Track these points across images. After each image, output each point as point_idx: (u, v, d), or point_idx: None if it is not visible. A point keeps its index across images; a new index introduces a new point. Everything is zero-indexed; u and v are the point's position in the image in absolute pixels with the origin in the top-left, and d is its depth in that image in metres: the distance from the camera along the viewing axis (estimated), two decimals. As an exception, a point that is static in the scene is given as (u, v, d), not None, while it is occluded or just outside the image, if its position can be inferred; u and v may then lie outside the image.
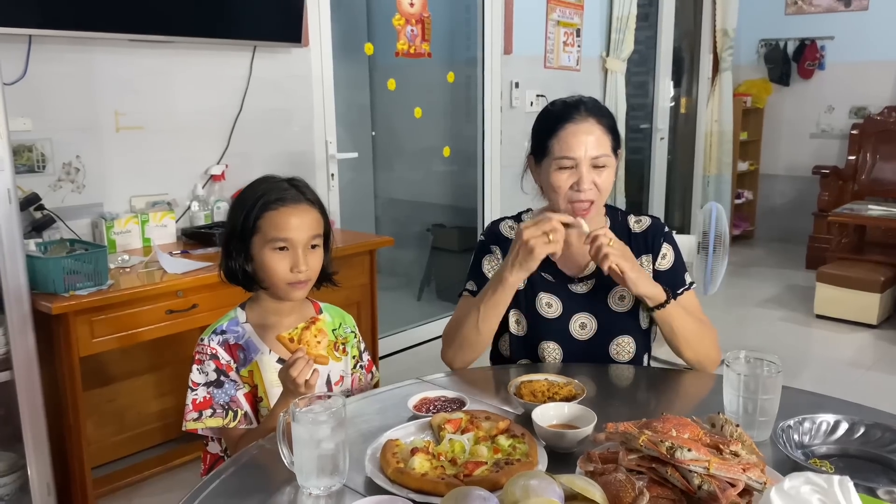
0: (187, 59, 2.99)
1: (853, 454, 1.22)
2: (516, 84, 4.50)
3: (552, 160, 1.58)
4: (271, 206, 1.42)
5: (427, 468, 1.07)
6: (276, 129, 3.33)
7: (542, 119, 1.66)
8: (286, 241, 1.41)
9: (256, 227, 1.42)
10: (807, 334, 4.42)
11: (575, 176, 1.56)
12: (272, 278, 1.42)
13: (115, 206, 2.86)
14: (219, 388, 1.41)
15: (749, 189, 6.88)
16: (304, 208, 1.44)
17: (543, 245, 1.47)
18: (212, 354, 1.43)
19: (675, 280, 1.71)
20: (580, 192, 1.57)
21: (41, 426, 2.24)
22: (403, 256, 5.25)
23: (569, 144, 1.56)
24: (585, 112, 1.58)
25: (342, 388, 1.56)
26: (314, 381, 1.29)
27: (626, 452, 1.04)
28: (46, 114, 2.63)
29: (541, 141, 1.62)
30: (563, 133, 1.57)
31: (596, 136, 1.57)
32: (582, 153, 1.55)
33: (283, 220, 1.41)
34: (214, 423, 1.40)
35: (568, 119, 1.57)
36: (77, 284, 2.25)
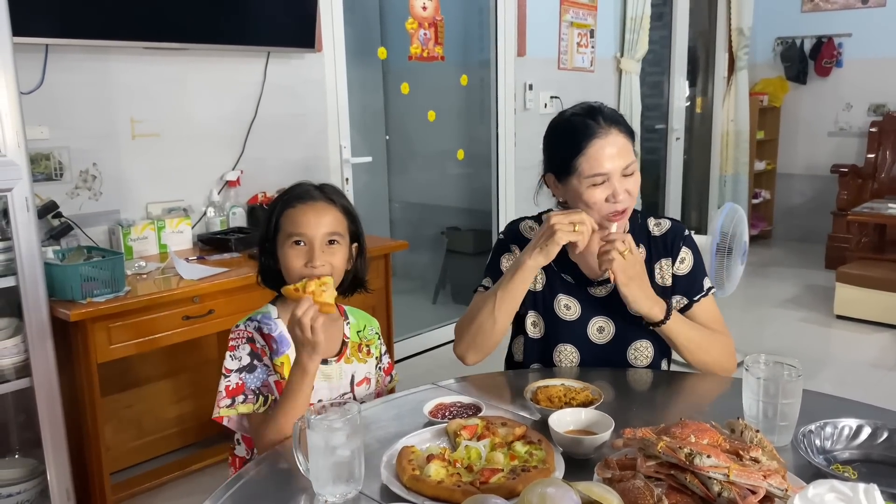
0: (202, 65, 3.01)
1: (876, 460, 1.20)
2: (530, 86, 4.49)
3: (582, 178, 1.54)
4: (291, 203, 1.46)
5: (443, 475, 1.07)
6: (291, 135, 3.34)
7: (562, 136, 1.61)
8: (301, 235, 1.42)
9: (279, 225, 1.46)
10: (827, 335, 4.37)
11: (608, 189, 1.54)
12: (289, 274, 1.43)
13: (131, 212, 2.88)
14: (251, 374, 1.41)
15: (766, 189, 6.82)
16: (322, 206, 1.46)
17: (567, 233, 1.47)
18: (248, 338, 1.44)
19: (693, 285, 1.69)
20: (616, 204, 1.55)
21: (60, 432, 2.26)
22: (418, 260, 5.25)
23: (599, 161, 1.52)
24: (606, 123, 1.55)
25: (368, 390, 1.56)
26: (319, 326, 1.29)
27: (644, 459, 1.03)
28: (63, 122, 2.66)
29: (564, 159, 1.57)
30: (590, 150, 1.53)
31: (621, 146, 1.54)
32: (612, 166, 1.53)
33: (300, 216, 1.43)
34: (245, 409, 1.40)
35: (592, 134, 1.53)
36: (94, 291, 2.26)
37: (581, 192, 1.55)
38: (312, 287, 1.31)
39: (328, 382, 1.49)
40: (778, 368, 1.25)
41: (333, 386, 1.50)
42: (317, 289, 1.31)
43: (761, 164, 6.65)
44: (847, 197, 5.80)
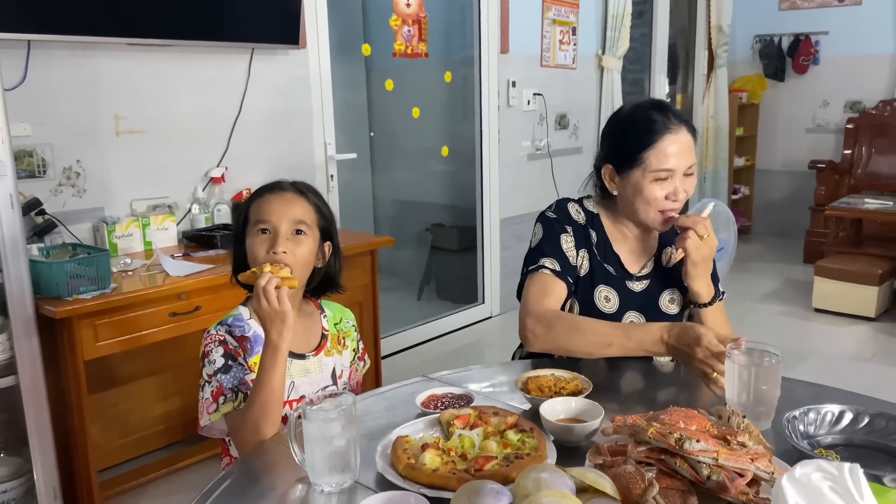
0: (186, 62, 3.00)
1: (858, 443, 1.24)
2: (513, 83, 4.51)
3: (647, 172, 1.57)
4: (261, 193, 1.47)
5: (438, 463, 1.08)
6: (275, 131, 3.34)
7: (632, 127, 1.62)
8: (266, 222, 1.42)
9: (247, 216, 1.46)
10: (806, 328, 4.44)
11: (670, 186, 1.58)
12: (254, 262, 1.42)
13: (116, 209, 2.87)
14: (226, 374, 1.39)
15: (745, 184, 6.91)
16: (291, 196, 1.46)
17: (700, 373, 1.41)
18: (220, 341, 1.42)
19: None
20: (675, 203, 1.60)
21: (46, 430, 2.25)
22: (403, 256, 5.26)
23: (668, 157, 1.56)
24: (677, 120, 1.58)
25: (343, 382, 1.57)
26: (285, 295, 1.31)
27: (634, 445, 1.05)
28: (46, 119, 2.64)
29: (631, 152, 1.59)
30: (661, 145, 1.56)
31: (688, 145, 1.58)
32: (678, 164, 1.57)
33: (267, 204, 1.43)
34: (226, 408, 1.38)
35: (665, 130, 1.57)
36: (80, 288, 2.25)
37: (643, 187, 1.58)
38: (268, 267, 1.34)
39: (308, 377, 1.49)
40: (758, 355, 1.28)
41: (314, 380, 1.50)
42: (273, 268, 1.34)
43: (740, 160, 6.73)
44: (824, 192, 5.89)
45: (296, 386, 1.46)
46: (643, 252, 1.73)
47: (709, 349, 1.36)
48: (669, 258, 1.69)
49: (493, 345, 4.26)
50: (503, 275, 4.63)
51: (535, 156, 4.79)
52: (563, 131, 5.01)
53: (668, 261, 1.70)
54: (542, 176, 4.81)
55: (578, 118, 5.11)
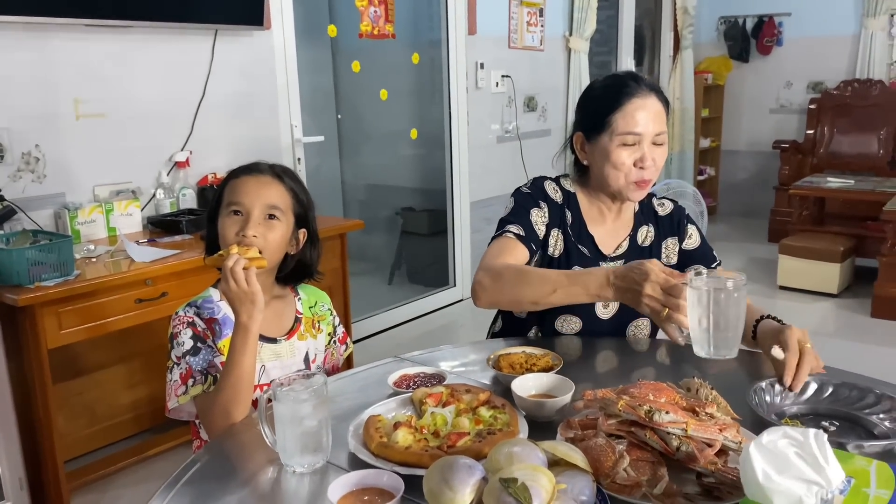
0: (147, 44, 2.93)
1: (823, 413, 1.26)
2: (481, 65, 4.50)
3: (615, 136, 1.55)
4: (236, 174, 1.44)
5: (410, 441, 1.08)
6: (240, 114, 3.28)
7: (600, 93, 1.61)
8: (239, 204, 1.39)
9: (221, 197, 1.43)
10: (771, 305, 4.47)
11: (637, 153, 1.56)
12: (224, 244, 1.40)
13: (78, 195, 2.81)
14: (195, 356, 1.37)
15: (711, 165, 6.98)
16: (267, 179, 1.43)
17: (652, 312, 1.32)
18: (188, 322, 1.40)
19: (707, 256, 1.75)
20: (643, 170, 1.56)
21: (10, 420, 2.20)
22: (373, 241, 5.24)
23: (635, 119, 1.54)
24: (646, 87, 1.57)
25: (316, 367, 1.56)
26: (253, 276, 1.29)
27: (605, 418, 1.06)
28: (3, 102, 2.57)
29: (598, 115, 1.58)
30: (629, 107, 1.54)
31: (657, 112, 1.57)
32: (646, 129, 1.54)
33: (242, 185, 1.41)
34: (196, 390, 1.36)
35: (633, 93, 1.55)
36: (42, 276, 2.20)
37: (610, 151, 1.56)
38: (236, 249, 1.32)
39: (280, 361, 1.48)
40: (720, 280, 1.19)
41: (286, 364, 1.48)
42: (240, 249, 1.32)
43: (706, 141, 6.80)
44: (788, 172, 5.98)
45: (266, 370, 1.45)
46: (618, 232, 1.72)
47: (657, 283, 1.28)
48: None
49: (466, 326, 4.27)
50: (474, 258, 4.63)
51: (505, 138, 4.78)
52: (532, 113, 5.01)
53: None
54: (512, 159, 4.81)
55: (547, 100, 5.12)
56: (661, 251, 1.73)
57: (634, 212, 1.74)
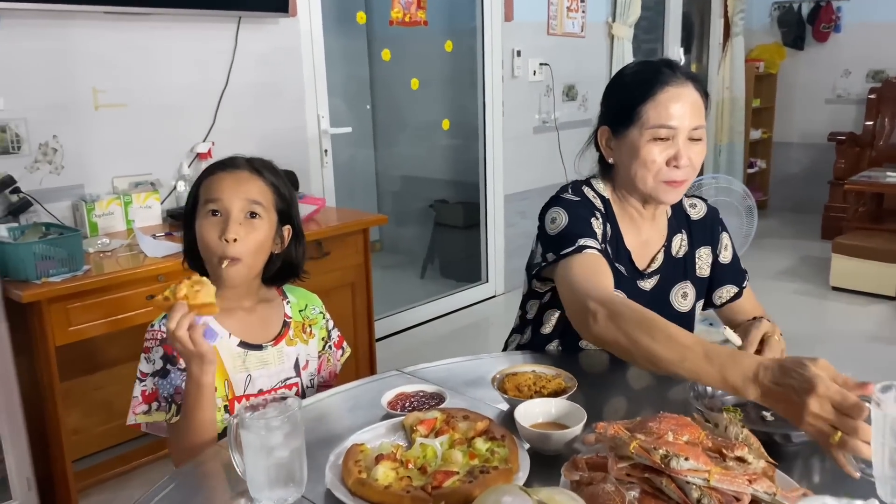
0: (168, 32, 2.85)
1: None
2: (518, 52, 4.33)
3: (645, 129, 1.37)
4: (213, 171, 1.34)
5: (392, 479, 0.96)
6: (265, 105, 3.19)
7: (630, 81, 1.44)
8: (217, 201, 1.28)
9: (197, 196, 1.33)
10: (822, 307, 4.27)
11: (671, 149, 1.37)
12: (204, 251, 1.30)
13: (96, 187, 2.75)
14: (164, 379, 1.30)
15: (762, 158, 6.69)
16: (245, 175, 1.32)
17: (816, 433, 0.97)
18: (162, 339, 1.31)
19: (738, 272, 1.61)
20: (677, 169, 1.38)
21: (18, 418, 2.15)
22: (406, 234, 5.13)
23: (668, 111, 1.35)
24: (682, 76, 1.38)
25: (309, 374, 1.45)
26: (200, 335, 1.15)
27: (615, 460, 0.92)
28: (20, 92, 2.51)
29: (627, 107, 1.40)
30: (662, 97, 1.36)
31: (695, 104, 1.38)
32: (682, 122, 1.36)
33: (218, 182, 1.30)
34: (158, 417, 1.30)
35: (667, 82, 1.37)
36: (50, 271, 2.14)
37: (639, 147, 1.38)
38: (184, 291, 1.15)
39: (266, 369, 1.37)
40: None
41: (273, 372, 1.38)
42: (189, 291, 1.14)
43: (757, 132, 6.52)
44: (844, 166, 5.67)
45: (252, 379, 1.34)
46: (652, 243, 1.54)
47: (830, 398, 0.95)
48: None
49: (497, 325, 4.12)
50: (507, 252, 4.48)
51: (542, 129, 4.61)
52: (571, 103, 4.82)
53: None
54: (549, 150, 4.63)
55: (587, 89, 4.92)
56: (695, 262, 1.57)
57: (668, 217, 1.57)
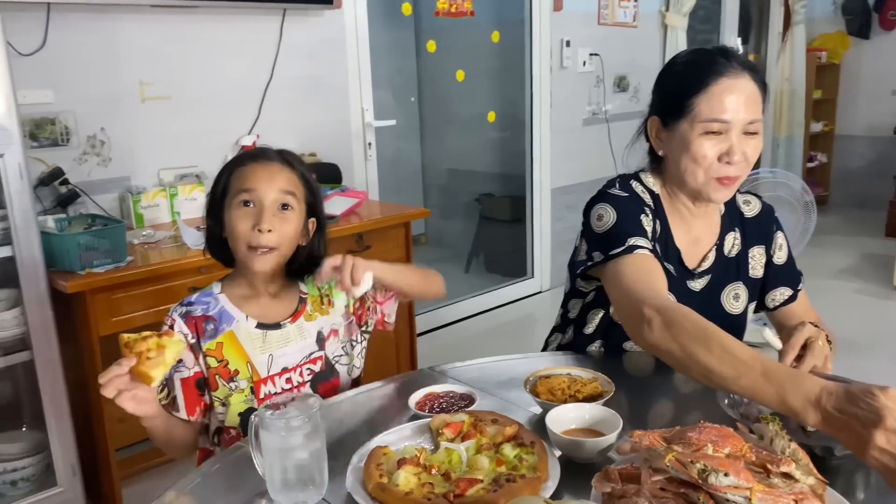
0: (214, 24, 2.86)
1: None
2: (567, 43, 4.24)
3: (696, 122, 1.30)
4: (243, 162, 1.32)
5: (413, 484, 0.92)
6: (309, 97, 3.19)
7: (682, 70, 1.37)
8: (250, 192, 1.27)
9: (227, 186, 1.31)
10: (884, 308, 4.08)
11: (724, 144, 1.30)
12: (235, 241, 1.29)
13: (142, 179, 2.78)
14: None
15: (823, 151, 6.44)
16: (277, 167, 1.31)
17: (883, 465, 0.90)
18: (170, 326, 1.31)
19: (793, 274, 1.53)
20: (730, 165, 1.31)
21: (63, 407, 2.19)
22: (451, 227, 5.09)
23: (722, 104, 1.28)
24: (739, 65, 1.31)
25: (335, 344, 1.41)
26: (127, 401, 1.10)
27: (650, 472, 0.86)
28: (68, 85, 2.55)
29: (679, 98, 1.33)
30: (715, 89, 1.29)
31: (751, 96, 1.30)
32: (736, 115, 1.28)
33: (251, 174, 1.29)
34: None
35: (721, 72, 1.30)
36: (94, 262, 2.17)
37: (689, 141, 1.31)
38: (141, 348, 1.07)
39: (289, 346, 1.34)
40: None
41: (296, 349, 1.35)
42: (145, 351, 1.06)
43: (818, 125, 6.27)
44: (911, 160, 5.41)
45: (275, 359, 1.33)
46: (703, 240, 1.47)
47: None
48: None
49: (542, 321, 4.05)
50: (554, 247, 4.40)
51: (592, 121, 4.51)
52: (623, 94, 4.71)
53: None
54: (599, 142, 4.53)
55: (640, 80, 4.79)
56: (748, 262, 1.49)
57: (720, 213, 1.49)
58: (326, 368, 1.37)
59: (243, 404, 1.31)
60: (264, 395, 1.32)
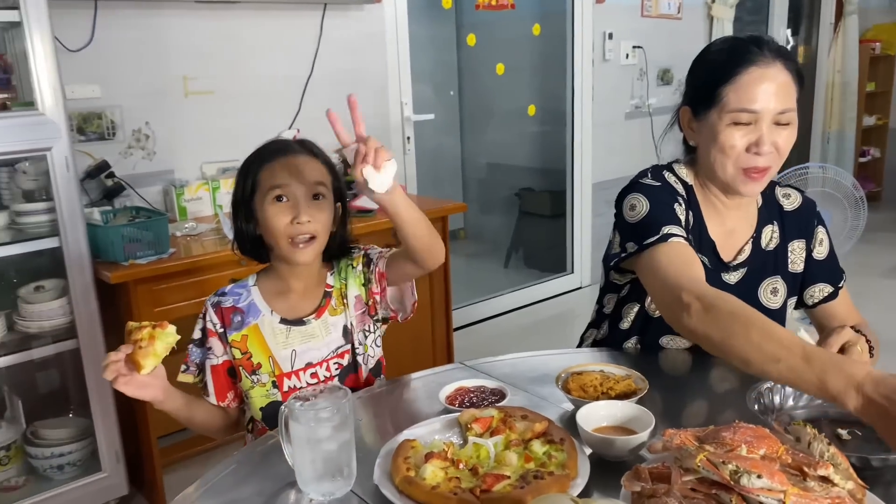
0: (256, 20, 2.90)
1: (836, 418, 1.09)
2: (610, 35, 4.18)
3: (725, 112, 1.28)
4: (269, 158, 1.32)
5: (440, 478, 0.91)
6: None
7: (713, 60, 1.34)
8: (283, 187, 1.28)
9: (256, 183, 1.32)
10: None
11: (753, 134, 1.27)
12: (274, 236, 1.30)
13: (185, 172, 2.83)
14: (198, 348, 1.37)
15: (876, 146, 6.25)
16: (304, 159, 1.32)
17: None
18: (204, 313, 1.37)
19: (835, 271, 1.49)
20: (758, 156, 1.28)
21: (107, 395, 2.24)
22: (491, 222, 5.08)
23: (751, 94, 1.26)
24: (771, 53, 1.28)
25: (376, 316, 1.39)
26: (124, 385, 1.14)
27: (680, 472, 0.84)
28: (115, 80, 2.61)
29: (709, 88, 1.30)
30: (745, 78, 1.26)
31: (782, 85, 1.27)
32: (765, 105, 1.26)
33: (281, 169, 1.30)
34: (186, 378, 1.37)
35: (751, 61, 1.27)
36: (137, 253, 2.22)
37: (718, 132, 1.28)
38: (139, 336, 1.13)
39: (312, 342, 1.35)
40: None
41: (321, 344, 1.35)
42: (145, 338, 1.12)
43: (871, 118, 6.09)
44: (970, 155, 5.21)
45: (298, 354, 1.34)
46: (739, 233, 1.44)
47: None
48: None
49: (581, 317, 3.99)
50: (594, 243, 4.36)
51: (634, 114, 4.44)
52: (667, 87, 4.62)
53: None
54: (641, 136, 4.46)
55: (684, 73, 4.66)
56: (787, 256, 1.45)
57: (758, 206, 1.45)
58: (353, 361, 1.38)
59: (264, 398, 1.34)
60: (288, 389, 1.33)
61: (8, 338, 2.18)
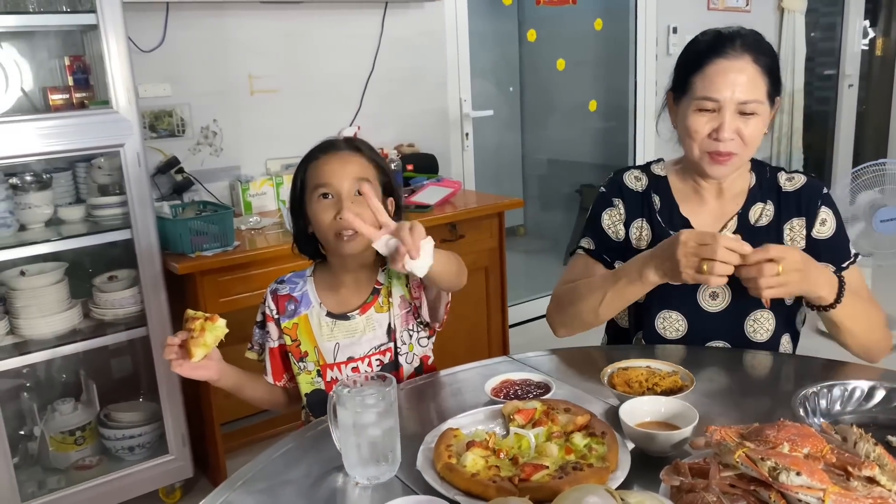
0: (318, 19, 2.97)
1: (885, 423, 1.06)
2: (674, 29, 4.11)
3: (692, 100, 1.37)
4: (314, 156, 1.37)
5: (480, 466, 0.93)
6: (409, 88, 3.24)
7: (688, 50, 1.44)
8: (326, 185, 1.32)
9: (304, 182, 1.37)
10: None
11: (715, 121, 1.35)
12: (321, 232, 1.35)
13: (251, 168, 2.92)
14: (259, 329, 1.48)
15: (961, 141, 5.93)
16: (346, 154, 1.35)
17: (693, 274, 1.23)
18: (264, 300, 1.46)
19: (838, 251, 1.45)
20: (718, 142, 1.36)
21: (174, 381, 2.34)
22: (551, 218, 5.05)
23: (714, 84, 1.34)
24: (741, 47, 1.35)
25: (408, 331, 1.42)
26: (179, 369, 1.24)
27: (719, 468, 0.84)
28: (184, 79, 2.72)
29: (683, 76, 1.41)
30: (709, 69, 1.35)
31: (748, 77, 1.34)
32: (728, 95, 1.33)
33: (324, 166, 1.34)
34: (251, 355, 1.49)
35: (718, 53, 1.35)
36: (203, 245, 2.30)
37: (686, 116, 1.38)
38: (193, 326, 1.21)
39: (356, 337, 1.39)
40: None
41: (363, 340, 1.39)
42: (197, 329, 1.20)
43: (955, 112, 5.78)
44: None
45: (341, 348, 1.38)
46: (723, 210, 1.47)
47: (689, 240, 1.22)
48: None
49: (641, 315, 3.97)
50: (656, 240, 4.28)
51: (698, 110, 4.35)
52: (733, 82, 4.51)
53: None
54: (706, 132, 4.37)
55: (751, 68, 4.57)
56: (785, 233, 1.45)
57: (749, 186, 1.48)
58: (395, 360, 1.41)
59: (309, 385, 1.41)
60: (330, 380, 1.39)
61: (84, 324, 2.30)
